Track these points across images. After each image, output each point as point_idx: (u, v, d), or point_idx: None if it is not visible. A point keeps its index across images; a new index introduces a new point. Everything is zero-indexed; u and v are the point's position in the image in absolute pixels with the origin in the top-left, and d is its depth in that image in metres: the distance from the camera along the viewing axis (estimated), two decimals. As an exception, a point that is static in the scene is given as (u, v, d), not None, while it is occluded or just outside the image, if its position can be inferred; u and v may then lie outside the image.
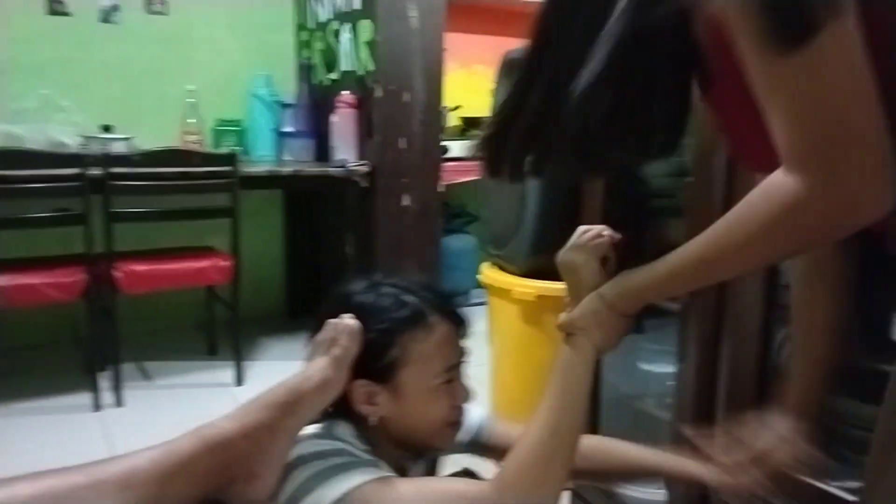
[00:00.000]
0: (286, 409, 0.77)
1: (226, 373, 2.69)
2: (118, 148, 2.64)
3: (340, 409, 0.84)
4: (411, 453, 0.93)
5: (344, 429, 0.85)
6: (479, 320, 2.13)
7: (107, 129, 2.81)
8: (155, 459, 0.69)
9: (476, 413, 1.00)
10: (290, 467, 0.78)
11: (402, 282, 0.89)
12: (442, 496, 0.76)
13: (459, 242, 3.81)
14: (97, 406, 2.42)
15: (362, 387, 0.83)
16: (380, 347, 0.82)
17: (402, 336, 0.83)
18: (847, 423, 1.22)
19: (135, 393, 2.54)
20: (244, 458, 0.74)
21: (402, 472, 0.87)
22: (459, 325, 0.89)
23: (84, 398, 2.46)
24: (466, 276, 3.56)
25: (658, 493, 1.51)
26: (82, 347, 2.71)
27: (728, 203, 1.21)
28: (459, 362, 0.89)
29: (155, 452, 0.70)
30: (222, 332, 2.93)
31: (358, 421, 0.86)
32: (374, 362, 0.82)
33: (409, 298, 0.86)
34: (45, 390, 2.56)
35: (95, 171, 2.32)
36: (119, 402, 2.47)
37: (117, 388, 2.48)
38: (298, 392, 0.78)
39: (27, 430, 2.24)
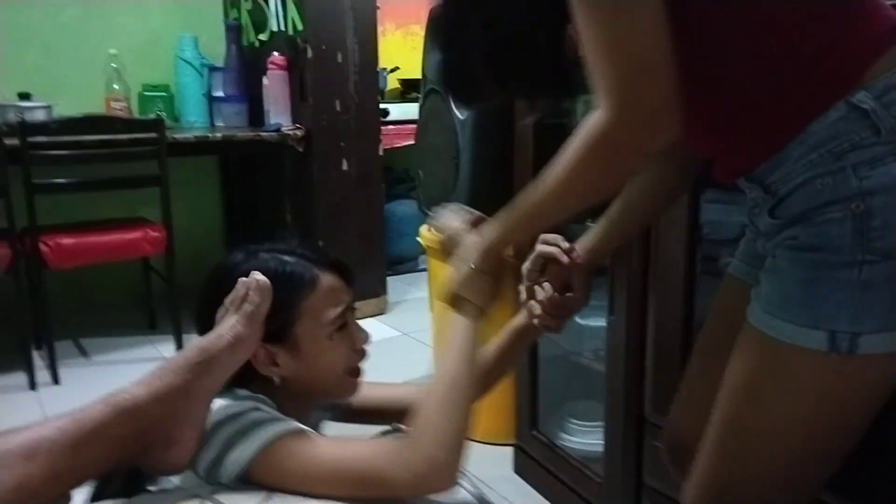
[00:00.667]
0: (200, 370, 0.75)
1: (166, 346, 2.63)
2: (37, 116, 2.51)
3: (243, 378, 0.84)
4: (318, 409, 0.95)
5: (245, 394, 0.85)
6: (426, 286, 2.15)
7: (24, 96, 2.67)
8: (62, 428, 0.67)
9: None
10: (208, 434, 0.77)
11: (278, 246, 0.91)
12: (357, 453, 0.76)
13: (403, 208, 3.77)
14: (33, 385, 2.35)
15: (261, 349, 0.84)
16: (272, 310, 0.82)
17: (290, 295, 0.85)
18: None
19: (72, 370, 2.48)
20: (159, 423, 0.73)
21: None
22: (342, 273, 0.92)
23: (19, 377, 2.39)
24: (411, 242, 3.53)
25: (597, 443, 1.55)
26: (13, 325, 2.61)
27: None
28: (349, 307, 0.91)
29: (62, 422, 0.68)
30: (161, 305, 2.87)
31: (262, 386, 0.86)
32: (268, 325, 0.83)
33: (289, 259, 0.88)
34: (-24, 371, 2.47)
35: (12, 141, 2.21)
36: (56, 380, 2.40)
37: (53, 365, 2.40)
38: (211, 351, 0.76)
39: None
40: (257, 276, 0.81)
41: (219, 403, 0.80)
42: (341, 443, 0.78)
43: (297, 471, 0.75)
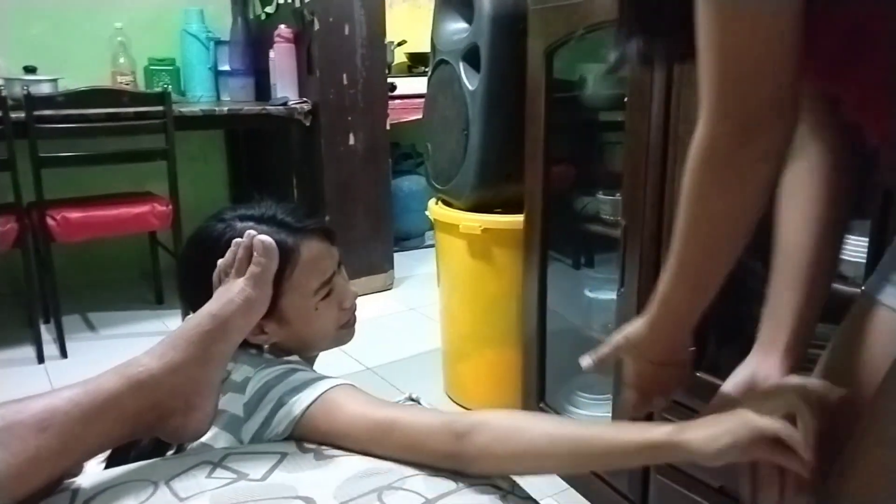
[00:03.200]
0: (214, 338, 0.74)
1: (173, 320, 2.64)
2: (43, 90, 2.49)
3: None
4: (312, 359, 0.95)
5: (267, 354, 0.85)
6: (433, 262, 2.14)
7: (30, 70, 2.66)
8: (75, 401, 0.66)
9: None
10: (253, 403, 0.77)
11: (255, 212, 0.88)
12: (411, 424, 0.74)
13: (410, 184, 3.76)
14: (41, 358, 2.37)
15: None
16: None
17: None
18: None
19: (80, 344, 2.49)
20: (176, 392, 0.72)
21: None
22: (325, 235, 0.90)
23: (28, 351, 2.40)
24: (419, 217, 3.53)
25: (604, 416, 1.55)
26: (22, 299, 2.62)
27: (666, 123, 1.22)
28: (335, 272, 0.90)
29: (75, 392, 0.67)
30: (168, 279, 2.87)
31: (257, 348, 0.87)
32: None
33: (267, 230, 0.84)
34: (-15, 344, 2.49)
35: (18, 115, 2.20)
36: (63, 354, 2.41)
37: (60, 339, 2.41)
38: (223, 317, 0.75)
39: (-32, 385, 2.18)
40: (262, 238, 0.80)
41: (250, 371, 0.80)
42: (387, 403, 0.78)
43: (346, 424, 0.75)
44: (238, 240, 0.81)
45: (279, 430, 0.76)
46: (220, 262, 0.82)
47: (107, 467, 0.76)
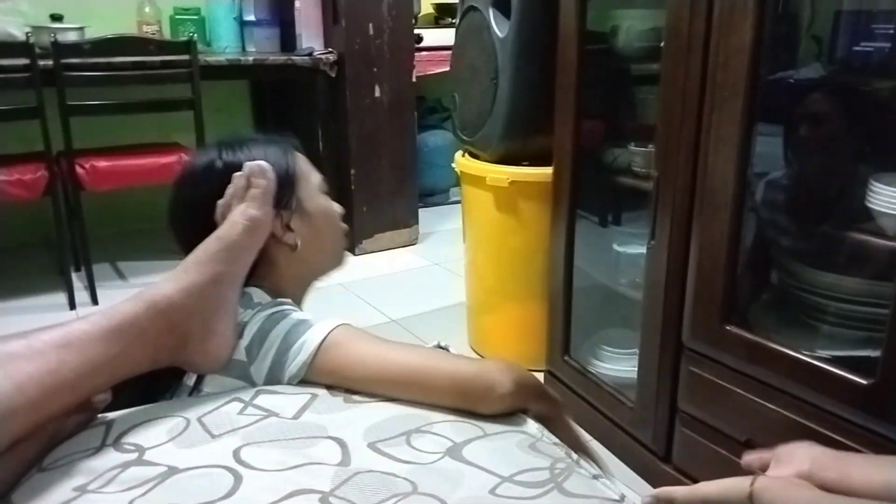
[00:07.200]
0: (223, 259, 0.76)
1: (201, 271, 2.67)
2: (70, 38, 2.49)
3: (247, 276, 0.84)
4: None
5: (261, 294, 0.85)
6: (458, 219, 2.13)
7: (56, 18, 2.65)
8: (94, 321, 0.67)
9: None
10: (255, 345, 0.77)
11: (237, 139, 0.92)
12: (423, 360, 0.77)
13: (436, 139, 3.71)
14: (73, 305, 2.41)
15: (275, 217, 0.86)
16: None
17: (283, 163, 0.89)
18: (810, 290, 1.24)
19: (110, 292, 2.52)
20: (193, 314, 0.73)
21: None
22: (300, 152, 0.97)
23: (59, 297, 2.46)
24: (444, 173, 3.49)
25: (629, 370, 1.55)
26: (54, 248, 2.67)
27: (704, 71, 1.18)
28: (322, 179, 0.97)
29: (95, 316, 0.68)
30: (195, 230, 2.90)
31: (264, 277, 0.88)
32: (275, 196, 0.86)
33: (261, 137, 0.94)
34: (19, 291, 2.54)
35: (46, 63, 2.21)
36: (94, 300, 2.45)
37: (91, 286, 2.46)
38: (230, 238, 0.78)
39: (2, 329, 2.22)
40: (257, 162, 0.83)
41: (245, 314, 0.81)
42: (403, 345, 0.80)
43: (360, 362, 0.76)
44: (237, 174, 0.83)
45: (294, 372, 0.76)
46: (220, 201, 0.83)
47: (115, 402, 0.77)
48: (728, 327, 1.20)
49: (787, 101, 1.31)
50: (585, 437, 0.78)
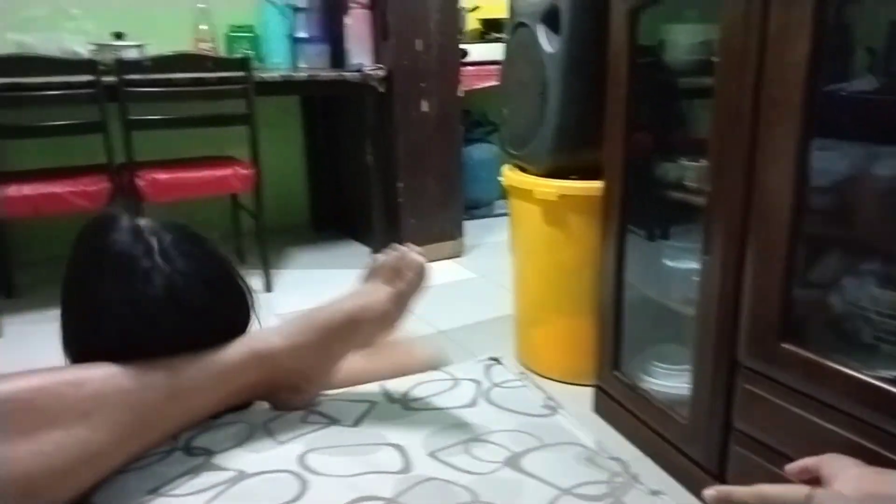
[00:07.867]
0: (340, 335, 0.75)
1: (254, 280, 2.73)
2: (131, 55, 2.59)
3: None
4: None
5: None
6: (502, 231, 2.13)
7: (118, 36, 2.75)
8: (201, 366, 0.69)
9: None
10: None
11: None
12: None
13: (481, 152, 3.74)
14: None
15: None
16: None
17: None
18: (878, 311, 1.21)
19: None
20: (291, 374, 0.74)
21: None
22: None
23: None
24: (489, 186, 3.52)
25: (681, 386, 1.53)
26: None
27: (758, 86, 1.17)
28: None
29: (200, 359, 0.69)
30: (249, 241, 2.97)
31: None
32: None
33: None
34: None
35: (109, 79, 2.30)
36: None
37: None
38: (357, 321, 0.76)
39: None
40: (422, 259, 0.80)
41: None
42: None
43: None
44: (399, 251, 0.80)
45: None
46: (379, 258, 0.80)
47: None
48: (785, 345, 1.18)
49: (842, 115, 1.29)
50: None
